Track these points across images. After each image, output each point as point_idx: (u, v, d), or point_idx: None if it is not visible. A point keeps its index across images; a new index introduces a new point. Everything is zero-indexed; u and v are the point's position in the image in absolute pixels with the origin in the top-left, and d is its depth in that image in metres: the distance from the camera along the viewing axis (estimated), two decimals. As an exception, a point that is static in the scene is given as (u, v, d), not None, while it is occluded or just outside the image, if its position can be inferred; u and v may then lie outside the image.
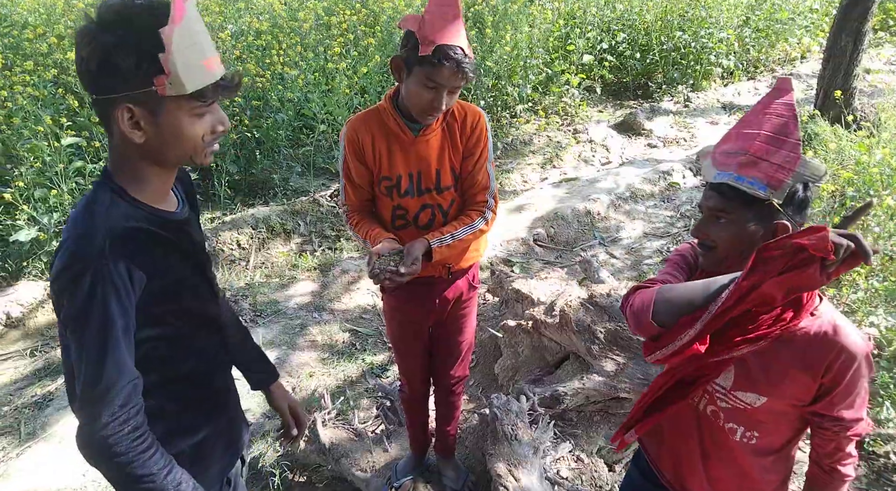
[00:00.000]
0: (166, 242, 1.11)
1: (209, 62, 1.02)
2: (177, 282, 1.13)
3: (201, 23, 1.03)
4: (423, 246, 1.68)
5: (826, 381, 1.16)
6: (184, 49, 0.98)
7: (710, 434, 1.32)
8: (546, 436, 2.35)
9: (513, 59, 5.53)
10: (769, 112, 1.15)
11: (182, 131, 1.05)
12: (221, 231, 4.14)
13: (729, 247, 1.18)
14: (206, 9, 5.49)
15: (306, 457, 2.51)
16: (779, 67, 7.38)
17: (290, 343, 3.33)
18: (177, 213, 1.16)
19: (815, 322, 1.16)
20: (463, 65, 1.54)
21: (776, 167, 1.11)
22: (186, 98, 1.02)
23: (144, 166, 1.10)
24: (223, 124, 1.11)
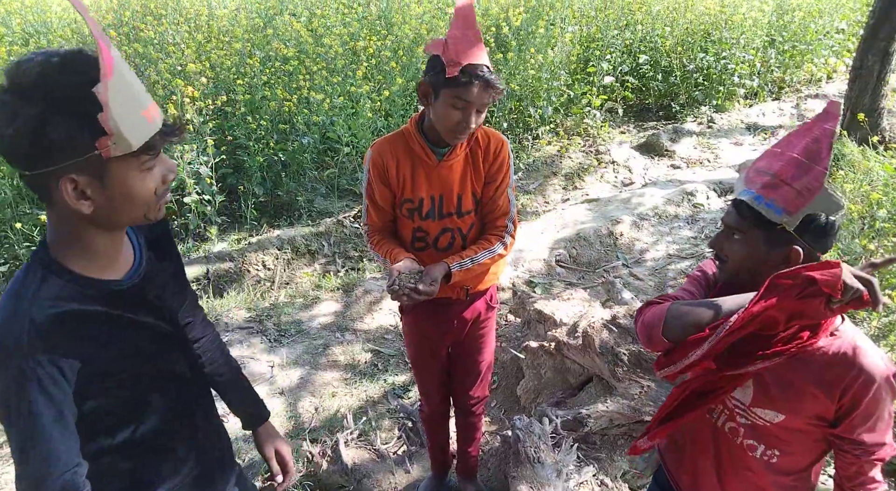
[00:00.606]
0: (107, 318, 1.04)
1: (148, 111, 0.94)
2: (121, 355, 1.06)
3: (130, 70, 0.94)
4: (443, 269, 1.71)
5: (845, 402, 1.14)
6: (121, 103, 0.89)
7: (728, 451, 1.31)
8: (569, 459, 2.32)
9: (535, 81, 5.59)
10: (809, 135, 1.14)
11: (133, 191, 0.97)
12: (248, 252, 4.21)
13: (739, 263, 1.20)
14: (234, 36, 5.66)
15: (329, 477, 2.51)
16: (804, 88, 7.32)
17: (313, 363, 3.35)
18: (124, 281, 1.08)
19: (835, 342, 1.15)
20: (490, 82, 1.58)
21: (796, 193, 1.10)
22: (134, 155, 0.94)
23: (91, 235, 1.02)
24: (172, 172, 1.04)
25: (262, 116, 4.73)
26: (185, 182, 4.23)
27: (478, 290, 1.92)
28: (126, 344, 1.07)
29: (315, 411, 2.99)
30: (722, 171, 5.51)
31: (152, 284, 1.15)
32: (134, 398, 1.12)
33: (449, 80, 1.57)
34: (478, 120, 1.65)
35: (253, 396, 1.49)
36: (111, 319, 1.04)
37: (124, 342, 1.07)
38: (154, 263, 1.17)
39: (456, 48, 1.56)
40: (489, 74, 1.58)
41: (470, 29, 1.59)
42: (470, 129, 1.64)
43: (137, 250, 1.16)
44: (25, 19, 6.09)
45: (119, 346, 1.06)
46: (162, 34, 5.62)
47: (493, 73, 1.60)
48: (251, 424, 1.48)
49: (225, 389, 1.44)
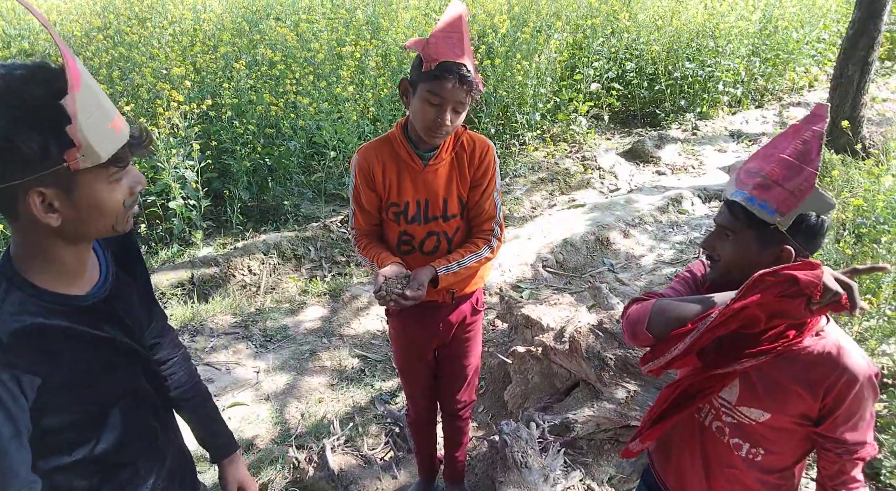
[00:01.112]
0: (70, 334, 1.02)
1: (115, 123, 0.94)
2: (83, 372, 1.04)
3: (96, 82, 0.93)
4: (430, 273, 1.71)
5: (828, 401, 1.16)
6: (89, 115, 0.88)
7: (714, 449, 1.32)
8: (556, 464, 2.33)
9: (522, 87, 5.62)
10: (798, 136, 1.16)
11: (102, 203, 0.97)
12: (233, 257, 4.18)
13: (731, 263, 1.22)
14: (220, 40, 5.63)
15: (315, 483, 2.49)
16: (786, 96, 7.44)
17: (299, 368, 3.33)
18: (89, 296, 1.07)
19: (820, 342, 1.17)
20: (465, 79, 1.57)
21: (787, 193, 1.12)
22: (102, 167, 0.93)
23: (56, 248, 1.00)
24: (140, 183, 1.03)
25: (248, 121, 4.71)
26: (170, 186, 4.19)
27: (464, 293, 1.92)
28: (88, 360, 1.05)
29: (301, 417, 2.97)
30: (706, 178, 5.57)
31: (119, 300, 1.13)
32: (93, 415, 1.10)
33: (424, 74, 1.57)
34: (454, 120, 1.63)
35: (220, 425, 1.43)
36: (75, 335, 1.03)
37: (87, 358, 1.05)
38: (121, 278, 1.16)
39: (436, 45, 1.57)
40: (465, 72, 1.57)
41: (455, 31, 1.59)
42: (446, 127, 1.63)
43: (104, 265, 1.14)
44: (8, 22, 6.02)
45: (81, 362, 1.04)
46: (147, 38, 5.58)
47: (472, 74, 1.59)
48: (216, 456, 1.41)
49: (190, 415, 1.38)
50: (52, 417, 1.03)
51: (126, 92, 4.83)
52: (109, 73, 4.79)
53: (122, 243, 1.19)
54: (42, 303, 0.99)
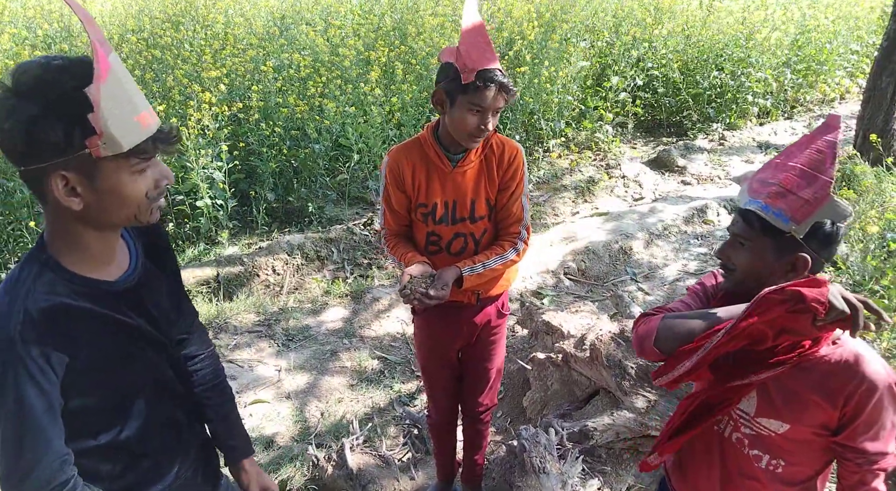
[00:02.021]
0: (96, 317, 1.05)
1: (142, 117, 0.96)
2: (107, 357, 1.07)
3: (129, 76, 0.97)
4: (455, 273, 1.73)
5: (847, 410, 1.15)
6: (114, 106, 0.92)
7: (734, 461, 1.31)
8: (574, 470, 2.32)
9: (548, 95, 5.62)
10: (812, 146, 1.16)
11: (124, 192, 0.99)
12: (258, 256, 4.24)
13: (747, 272, 1.21)
14: (249, 44, 5.73)
15: (333, 482, 2.51)
16: (817, 108, 7.33)
17: (320, 368, 3.36)
18: (117, 283, 1.09)
19: (837, 350, 1.16)
20: (504, 85, 1.62)
21: (803, 202, 1.12)
22: (124, 156, 0.96)
23: (84, 233, 1.04)
24: (167, 178, 1.05)
25: (275, 123, 4.78)
26: (198, 186, 4.27)
27: (489, 295, 1.93)
28: (113, 345, 1.08)
29: (321, 416, 3.00)
30: (733, 189, 5.50)
31: (147, 290, 1.15)
32: (119, 401, 1.13)
33: (465, 86, 1.60)
34: (494, 122, 1.68)
35: (240, 428, 1.44)
36: (99, 318, 1.05)
37: (112, 343, 1.08)
38: (150, 269, 1.18)
39: (469, 54, 1.59)
40: (502, 78, 1.62)
41: (479, 35, 1.62)
42: (487, 132, 1.67)
43: (133, 255, 1.16)
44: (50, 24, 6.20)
45: (106, 345, 1.07)
46: (180, 41, 5.71)
47: (506, 76, 1.64)
48: (234, 458, 1.41)
49: (212, 416, 1.39)
50: (79, 399, 1.06)
51: (158, 93, 4.94)
52: (143, 75, 4.91)
53: (152, 237, 1.22)
54: (71, 285, 1.03)
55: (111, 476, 1.15)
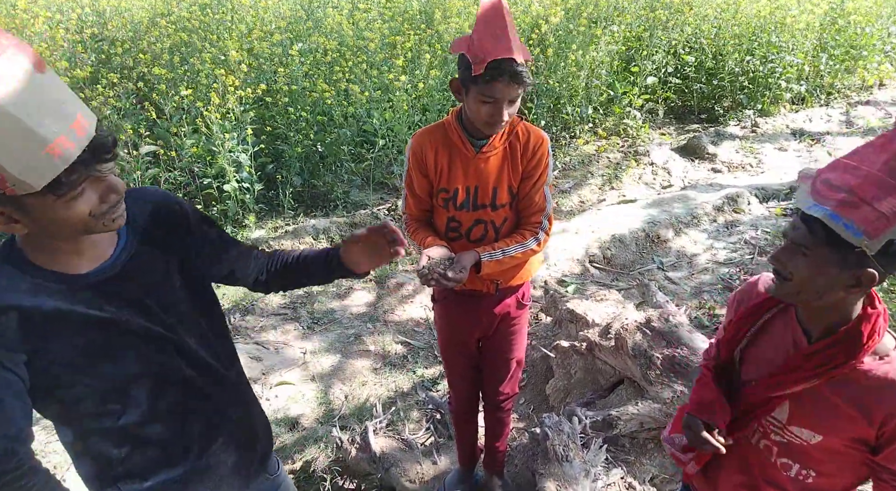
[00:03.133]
0: (58, 314, 1.01)
1: (55, 147, 0.86)
2: (78, 352, 1.04)
3: (34, 95, 0.85)
4: (474, 257, 1.72)
5: (887, 430, 1.10)
6: (10, 148, 0.83)
7: (759, 469, 1.27)
8: (598, 459, 2.31)
9: (574, 80, 5.53)
10: (889, 150, 1.02)
11: (60, 219, 0.94)
12: (284, 240, 4.28)
13: (805, 282, 1.10)
14: (277, 28, 5.73)
15: (357, 464, 2.54)
16: (854, 94, 7.09)
17: (344, 351, 3.39)
18: (89, 275, 1.05)
19: (883, 367, 1.10)
20: (516, 76, 1.56)
21: (879, 215, 0.99)
22: (43, 193, 0.89)
23: (48, 240, 1.02)
24: (115, 191, 0.98)
25: (302, 107, 4.79)
26: (225, 170, 4.31)
27: (509, 286, 1.92)
28: (83, 340, 1.04)
29: (345, 399, 3.03)
30: (765, 177, 5.38)
31: (135, 280, 1.11)
32: (110, 391, 1.10)
33: (475, 77, 1.56)
34: (510, 111, 1.64)
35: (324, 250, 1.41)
36: (61, 315, 1.02)
37: (80, 338, 1.04)
38: (147, 256, 1.13)
39: (480, 44, 1.55)
40: (515, 67, 1.55)
41: (496, 22, 1.56)
42: (503, 121, 1.64)
43: (122, 243, 1.11)
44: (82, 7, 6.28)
45: (74, 341, 1.03)
46: (207, 24, 5.73)
47: (522, 65, 1.57)
48: (337, 251, 1.37)
49: (309, 263, 1.38)
50: (63, 390, 1.06)
51: (187, 77, 4.98)
52: (171, 58, 4.95)
53: (153, 215, 1.16)
54: (35, 280, 1.00)
55: (118, 459, 1.16)
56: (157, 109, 4.60)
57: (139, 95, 4.94)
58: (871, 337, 1.09)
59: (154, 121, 4.49)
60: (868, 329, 1.09)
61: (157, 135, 4.52)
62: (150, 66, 4.95)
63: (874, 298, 1.14)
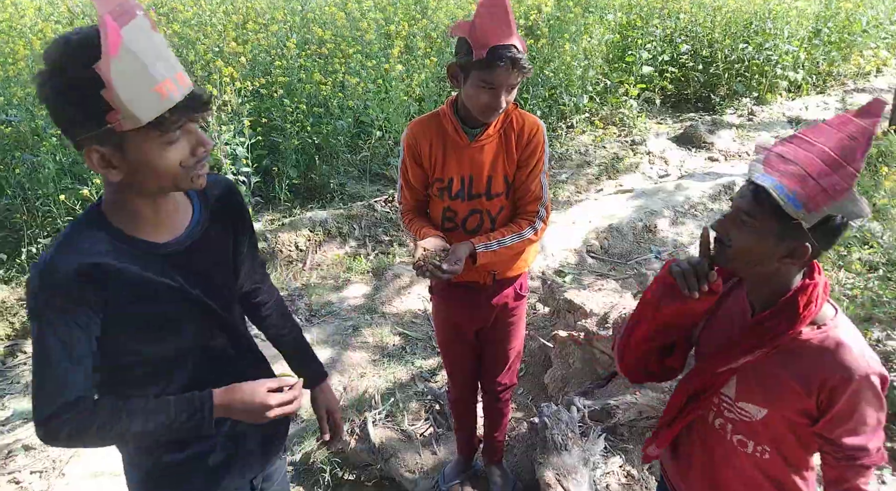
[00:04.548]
0: (136, 279, 1.07)
1: (162, 87, 0.95)
2: (146, 319, 1.10)
3: (153, 43, 0.95)
4: (469, 248, 1.71)
5: (822, 399, 1.11)
6: (127, 80, 0.91)
7: (720, 448, 1.28)
8: (596, 448, 2.32)
9: (569, 69, 5.51)
10: (845, 130, 1.05)
11: (154, 163, 1.00)
12: (280, 232, 4.27)
13: (742, 253, 1.11)
14: (272, 18, 5.69)
15: (356, 455, 2.55)
16: (851, 81, 7.09)
17: (342, 343, 3.39)
18: (167, 245, 1.12)
19: (820, 335, 1.12)
20: (517, 62, 1.56)
21: (821, 190, 1.02)
22: (146, 129, 0.96)
23: (132, 199, 1.07)
24: (203, 145, 1.05)
25: (298, 99, 4.77)
26: (221, 162, 4.29)
27: (506, 276, 1.91)
28: (153, 308, 1.10)
29: (344, 391, 3.04)
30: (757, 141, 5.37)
31: (202, 253, 1.17)
32: (164, 361, 1.16)
33: (476, 62, 1.56)
34: (508, 99, 1.64)
35: (312, 356, 1.52)
36: (139, 281, 1.07)
37: (151, 306, 1.10)
38: (213, 233, 1.19)
39: (482, 29, 1.55)
40: (517, 54, 1.56)
41: (497, 6, 1.56)
42: (500, 108, 1.64)
43: (195, 218, 1.18)
44: None
45: (145, 308, 1.09)
46: (199, 15, 5.69)
47: (521, 52, 1.57)
48: (310, 383, 1.49)
49: (285, 349, 1.49)
50: (125, 357, 1.11)
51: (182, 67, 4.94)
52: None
53: (223, 199, 1.24)
54: (116, 243, 1.06)
55: None
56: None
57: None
58: (808, 307, 1.10)
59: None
60: (804, 299, 1.10)
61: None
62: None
63: (814, 270, 1.15)
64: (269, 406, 1.15)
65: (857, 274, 3.03)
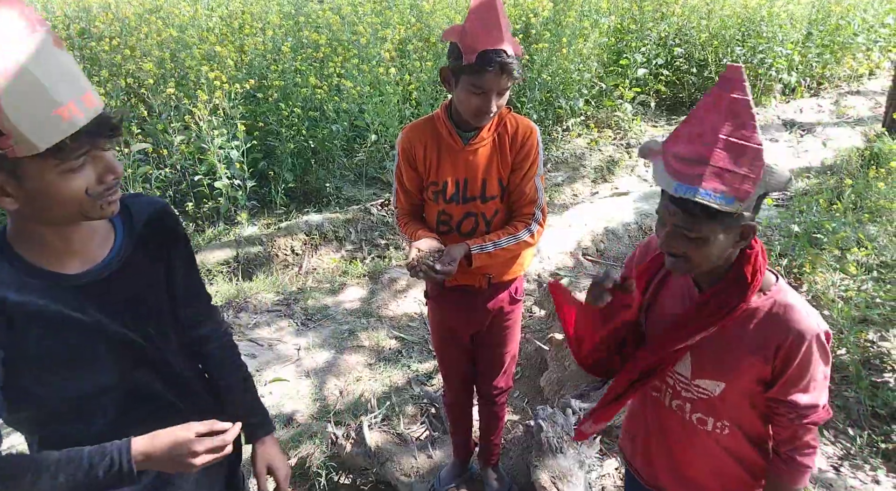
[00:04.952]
0: (41, 313, 0.98)
1: (64, 110, 0.86)
2: (53, 355, 1.00)
3: (54, 62, 0.86)
4: (463, 249, 1.71)
5: (778, 363, 1.14)
6: (22, 102, 0.83)
7: (679, 429, 1.30)
8: (591, 450, 2.32)
9: (565, 73, 5.53)
10: (721, 109, 1.03)
11: (55, 192, 0.91)
12: (277, 237, 4.27)
13: (701, 258, 1.11)
14: (267, 23, 5.70)
15: (352, 459, 2.55)
16: (844, 84, 7.12)
17: (338, 347, 3.39)
18: (79, 276, 1.02)
19: (767, 302, 1.15)
20: (506, 67, 1.56)
21: (741, 178, 1.01)
22: (44, 156, 0.87)
23: (35, 228, 0.98)
24: (113, 172, 0.96)
25: (293, 103, 4.77)
26: (215, 166, 4.29)
27: (502, 280, 1.91)
28: (60, 343, 1.01)
29: (340, 394, 3.03)
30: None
31: (124, 284, 1.08)
32: (78, 398, 1.06)
33: (466, 66, 1.57)
34: (499, 103, 1.64)
35: (256, 407, 1.35)
36: (45, 315, 0.99)
37: (58, 341, 1.01)
38: (137, 263, 1.10)
39: (473, 34, 1.55)
40: (506, 59, 1.55)
41: (488, 11, 1.56)
42: (491, 112, 1.64)
43: (117, 245, 1.09)
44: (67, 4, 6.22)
45: (52, 343, 1.00)
46: (196, 20, 5.69)
47: (512, 57, 1.57)
48: (250, 437, 1.33)
49: (227, 396, 1.32)
50: (35, 388, 1.02)
51: (176, 73, 4.95)
52: (160, 54, 4.92)
53: (152, 223, 1.14)
54: (21, 275, 0.97)
55: None
56: (147, 106, 4.57)
57: (128, 92, 4.91)
58: (755, 275, 1.13)
59: (144, 118, 4.47)
60: (751, 269, 1.13)
61: (147, 132, 4.49)
62: (138, 63, 4.92)
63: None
64: (195, 453, 1.01)
65: (851, 277, 3.04)
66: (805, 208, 3.80)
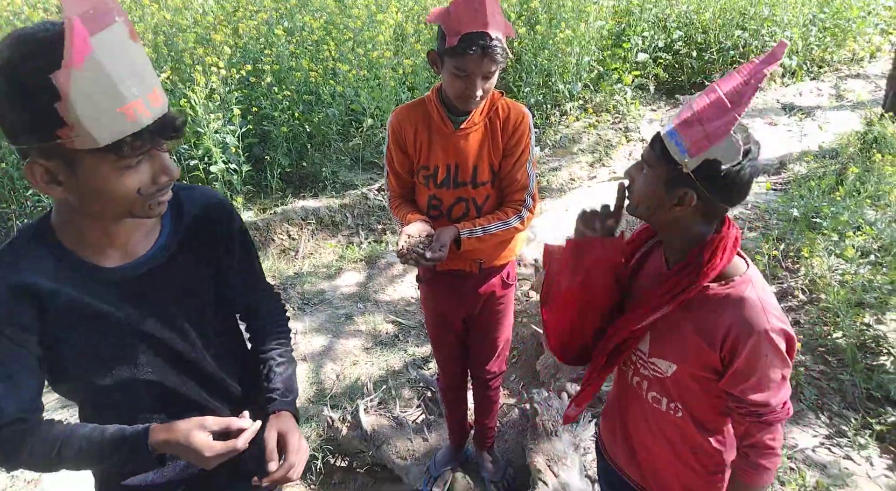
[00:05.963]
0: (73, 304, 0.97)
1: (130, 108, 0.84)
2: (82, 349, 1.00)
3: (125, 56, 0.84)
4: (453, 233, 1.70)
5: (725, 354, 1.12)
6: (88, 96, 0.80)
7: (638, 406, 1.30)
8: (586, 434, 2.33)
9: (564, 56, 5.48)
10: (745, 74, 1.04)
11: (107, 188, 0.89)
12: (273, 222, 4.25)
13: (641, 196, 1.15)
14: (262, 6, 5.63)
15: (348, 442, 2.56)
16: (845, 67, 7.07)
17: (335, 331, 3.39)
18: (117, 270, 1.01)
19: (726, 290, 1.12)
20: (489, 50, 1.53)
21: (704, 135, 1.02)
22: (103, 152, 0.85)
23: (78, 219, 0.97)
24: (167, 173, 0.94)
25: (288, 87, 4.73)
26: (211, 151, 4.26)
27: (493, 265, 1.91)
28: (90, 337, 1.00)
29: (336, 378, 3.04)
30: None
31: (164, 283, 1.06)
32: (114, 393, 1.06)
33: (448, 49, 1.55)
34: (485, 86, 1.62)
35: (289, 385, 1.26)
36: (78, 306, 0.98)
37: (88, 335, 1.00)
38: (185, 259, 1.08)
39: (456, 16, 1.53)
40: (489, 42, 1.52)
41: None
42: (476, 96, 1.62)
43: (162, 241, 1.06)
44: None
45: (83, 335, 1.00)
46: (190, 3, 5.62)
47: (497, 41, 1.54)
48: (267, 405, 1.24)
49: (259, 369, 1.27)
50: (77, 379, 1.02)
51: (170, 57, 4.89)
52: (154, 39, 4.86)
53: (203, 219, 1.11)
54: (59, 263, 0.97)
55: None
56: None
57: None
58: (712, 260, 1.11)
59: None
60: (709, 253, 1.11)
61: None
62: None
63: (724, 224, 1.15)
64: (206, 460, 1.01)
65: (848, 260, 3.03)
66: (805, 193, 3.78)
